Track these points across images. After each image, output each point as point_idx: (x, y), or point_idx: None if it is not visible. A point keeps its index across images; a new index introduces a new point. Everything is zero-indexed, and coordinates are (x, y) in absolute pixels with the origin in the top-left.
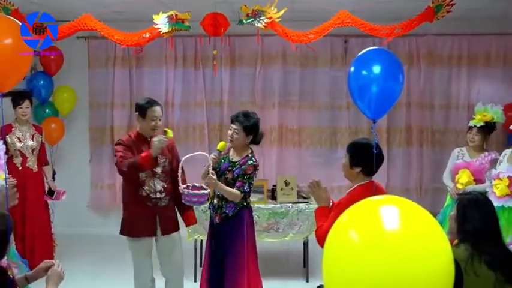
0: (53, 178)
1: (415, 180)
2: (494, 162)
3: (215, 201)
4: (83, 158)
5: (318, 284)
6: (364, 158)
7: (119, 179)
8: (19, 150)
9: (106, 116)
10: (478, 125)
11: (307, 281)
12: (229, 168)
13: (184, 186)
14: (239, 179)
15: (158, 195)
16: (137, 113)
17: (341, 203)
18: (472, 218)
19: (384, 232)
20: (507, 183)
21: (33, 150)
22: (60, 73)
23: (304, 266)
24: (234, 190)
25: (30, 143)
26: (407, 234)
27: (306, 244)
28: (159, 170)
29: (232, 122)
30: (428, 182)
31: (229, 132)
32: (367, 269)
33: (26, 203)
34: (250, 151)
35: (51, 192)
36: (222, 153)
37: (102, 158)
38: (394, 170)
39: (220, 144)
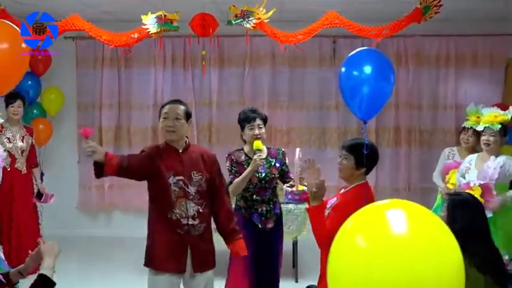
0: (41, 179)
1: (404, 180)
2: None
3: (263, 208)
4: (71, 159)
5: (307, 285)
6: (370, 158)
7: (107, 181)
8: (8, 151)
9: (94, 117)
10: (475, 127)
11: (296, 281)
12: (268, 165)
13: (287, 185)
14: (284, 168)
15: (191, 221)
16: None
17: (343, 203)
18: (462, 219)
19: (392, 236)
20: (479, 193)
21: (22, 152)
22: (48, 73)
23: (294, 266)
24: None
25: (19, 144)
26: (415, 238)
27: (295, 244)
28: (192, 190)
29: (253, 119)
30: (417, 182)
31: (255, 131)
32: (375, 274)
33: (13, 204)
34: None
35: (39, 195)
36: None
37: (91, 159)
38: (383, 170)
39: (257, 144)
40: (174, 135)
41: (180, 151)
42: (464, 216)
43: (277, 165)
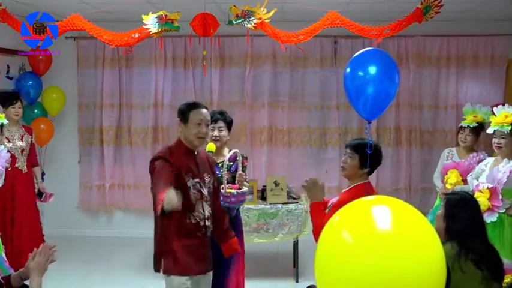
0: (42, 179)
1: (404, 180)
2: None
3: None
4: (72, 158)
5: (308, 284)
6: (374, 159)
7: (108, 180)
8: (8, 150)
9: (95, 117)
10: (472, 126)
11: (297, 281)
12: (222, 169)
13: (226, 186)
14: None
15: (207, 222)
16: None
17: (342, 202)
18: (460, 218)
19: (376, 232)
20: (488, 196)
21: (22, 151)
22: (49, 73)
23: (294, 266)
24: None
25: (19, 143)
26: (399, 234)
27: (295, 244)
28: (205, 191)
29: (215, 121)
30: (417, 182)
31: (214, 132)
32: (359, 269)
33: (14, 203)
34: (229, 148)
35: (40, 194)
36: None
37: (92, 159)
38: (384, 170)
39: (210, 146)
40: (204, 142)
41: (195, 153)
42: (462, 214)
43: (232, 169)
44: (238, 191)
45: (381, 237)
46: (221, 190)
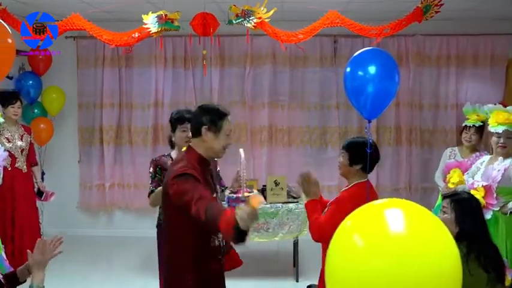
0: (42, 179)
1: (405, 179)
2: None
3: None
4: (72, 158)
5: (308, 284)
6: (364, 155)
7: (108, 180)
8: (8, 150)
9: (95, 116)
10: (477, 125)
11: (297, 281)
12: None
13: (231, 189)
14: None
15: (223, 242)
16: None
17: (341, 199)
18: (466, 219)
19: (389, 236)
20: (483, 194)
21: (22, 151)
22: (49, 73)
23: (294, 265)
24: None
25: (19, 143)
26: (413, 237)
27: (296, 244)
28: None
29: (187, 120)
30: (418, 182)
31: (188, 134)
32: (372, 273)
33: (15, 203)
34: None
35: (40, 193)
36: None
37: (92, 159)
38: (384, 169)
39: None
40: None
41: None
42: (468, 215)
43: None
44: (250, 195)
45: (395, 241)
46: (229, 194)
